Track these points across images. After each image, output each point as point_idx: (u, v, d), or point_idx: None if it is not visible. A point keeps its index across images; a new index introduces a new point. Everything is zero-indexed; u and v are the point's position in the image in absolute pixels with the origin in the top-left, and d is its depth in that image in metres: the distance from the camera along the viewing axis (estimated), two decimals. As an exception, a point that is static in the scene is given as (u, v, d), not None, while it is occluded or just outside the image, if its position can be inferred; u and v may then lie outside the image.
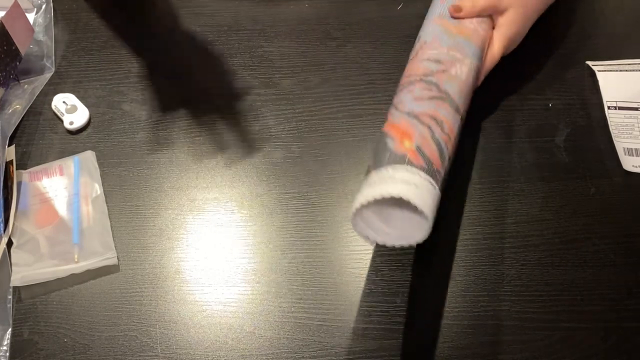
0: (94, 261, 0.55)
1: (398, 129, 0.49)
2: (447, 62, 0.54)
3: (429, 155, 0.48)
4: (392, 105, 0.53)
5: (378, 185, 0.45)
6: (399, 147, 0.48)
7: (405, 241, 0.47)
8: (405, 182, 0.45)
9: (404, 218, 0.47)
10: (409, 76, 0.54)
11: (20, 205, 0.58)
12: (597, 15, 0.70)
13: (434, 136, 0.49)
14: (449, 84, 0.53)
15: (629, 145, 0.60)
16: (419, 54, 0.56)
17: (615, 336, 0.52)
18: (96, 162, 0.61)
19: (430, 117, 0.50)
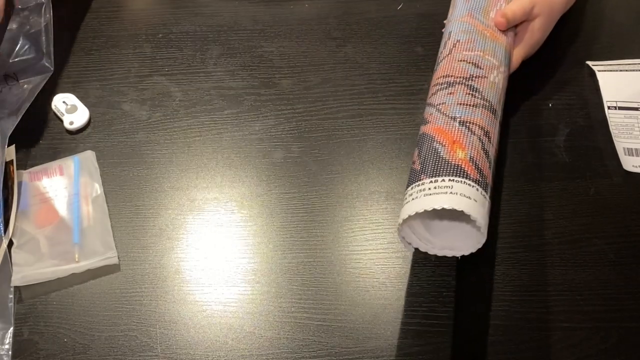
0: (95, 260, 0.55)
1: (447, 135, 0.49)
2: (486, 67, 0.54)
3: (482, 167, 0.47)
4: (432, 105, 0.52)
5: (436, 195, 0.45)
6: (452, 156, 0.47)
7: (451, 252, 0.48)
8: (465, 196, 0.45)
9: (450, 228, 0.48)
10: (447, 76, 0.53)
11: (20, 205, 0.58)
12: (597, 15, 0.70)
13: (484, 147, 0.49)
14: (489, 91, 0.52)
15: (629, 145, 0.60)
16: (453, 53, 0.55)
17: (615, 336, 0.52)
18: (96, 162, 0.61)
19: (478, 127, 0.49)
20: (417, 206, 0.45)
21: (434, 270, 0.55)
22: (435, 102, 0.52)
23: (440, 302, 0.54)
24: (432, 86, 0.55)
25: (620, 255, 0.55)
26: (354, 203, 0.59)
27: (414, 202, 0.45)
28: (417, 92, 0.65)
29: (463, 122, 0.49)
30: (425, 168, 0.47)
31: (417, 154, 0.49)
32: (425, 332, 0.52)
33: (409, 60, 0.67)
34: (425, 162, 0.48)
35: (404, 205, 0.47)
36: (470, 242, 0.47)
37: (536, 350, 0.51)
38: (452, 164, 0.47)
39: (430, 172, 0.47)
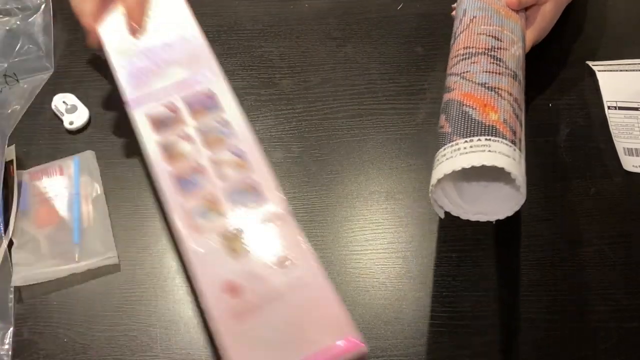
0: (95, 260, 0.55)
1: (477, 99, 0.47)
2: (506, 41, 0.52)
3: (515, 130, 0.46)
4: (455, 74, 0.51)
5: (473, 153, 0.43)
6: (485, 118, 0.46)
7: (485, 217, 0.46)
8: (504, 154, 0.43)
9: (482, 194, 0.47)
10: (468, 48, 0.52)
11: (20, 205, 0.58)
12: (597, 15, 0.70)
13: (514, 110, 0.47)
14: (512, 62, 0.51)
15: (629, 145, 0.60)
16: (470, 27, 0.54)
17: (615, 336, 0.52)
18: (96, 162, 0.61)
19: (507, 93, 0.48)
20: (454, 164, 0.43)
21: (434, 270, 0.55)
22: (459, 71, 0.51)
23: (440, 302, 0.54)
24: (452, 58, 0.54)
25: (620, 256, 0.55)
26: (354, 203, 0.59)
27: (449, 161, 0.44)
28: (417, 92, 0.65)
29: (492, 88, 0.48)
30: (457, 129, 0.46)
31: (444, 119, 0.48)
32: (426, 332, 0.52)
33: (409, 60, 0.67)
34: (456, 124, 0.46)
35: (437, 166, 0.45)
36: (506, 205, 0.46)
37: (536, 350, 0.51)
38: (486, 125, 0.45)
39: (463, 132, 0.45)
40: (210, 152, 0.47)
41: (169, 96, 0.50)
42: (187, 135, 0.47)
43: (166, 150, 0.47)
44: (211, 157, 0.47)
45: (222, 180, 0.47)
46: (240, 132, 0.48)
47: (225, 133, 0.47)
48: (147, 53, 0.52)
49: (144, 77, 0.51)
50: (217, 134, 0.47)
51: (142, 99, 0.50)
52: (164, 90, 0.50)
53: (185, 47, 0.53)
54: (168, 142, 0.47)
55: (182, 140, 0.47)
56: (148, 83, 0.50)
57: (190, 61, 0.52)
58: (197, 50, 0.53)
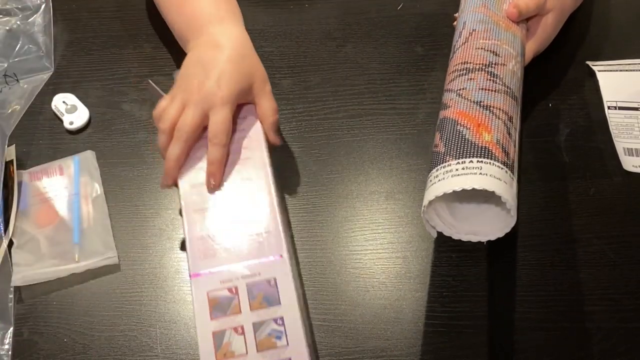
0: (95, 260, 0.55)
1: (471, 118, 0.48)
2: (504, 55, 0.53)
3: (508, 151, 0.46)
4: (451, 91, 0.51)
5: (465, 176, 0.44)
6: (479, 139, 0.46)
7: (476, 237, 0.47)
8: (495, 177, 0.44)
9: (474, 214, 0.47)
10: (465, 63, 0.53)
11: (20, 205, 0.58)
12: (597, 15, 0.70)
13: (508, 131, 0.48)
14: (509, 79, 0.51)
15: (629, 145, 0.60)
16: (469, 41, 0.54)
17: (615, 336, 0.52)
18: (96, 162, 0.61)
19: (502, 112, 0.48)
20: (445, 187, 0.44)
21: (434, 270, 0.55)
22: (455, 88, 0.51)
23: (440, 302, 0.54)
24: (450, 73, 0.54)
25: (620, 255, 0.55)
26: (354, 203, 0.59)
27: (441, 182, 0.44)
28: (417, 92, 0.65)
29: (486, 107, 0.48)
30: (450, 150, 0.46)
31: (439, 138, 0.48)
32: (426, 332, 0.52)
33: (409, 60, 0.67)
34: (449, 144, 0.47)
35: (429, 187, 0.45)
36: (497, 226, 0.46)
37: (536, 350, 0.51)
38: (479, 146, 0.46)
39: (456, 154, 0.46)
40: (260, 356, 0.47)
41: (233, 277, 0.49)
42: (241, 328, 0.47)
43: (217, 342, 0.47)
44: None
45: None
46: (293, 336, 0.47)
47: (278, 336, 0.47)
48: (220, 215, 0.51)
49: (212, 250, 0.50)
50: (270, 337, 0.47)
51: (207, 276, 0.49)
52: (228, 271, 0.49)
53: (256, 214, 0.51)
54: (221, 334, 0.47)
55: (235, 333, 0.47)
56: (216, 256, 0.50)
57: (259, 230, 0.50)
58: (266, 216, 0.51)
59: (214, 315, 0.48)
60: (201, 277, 0.49)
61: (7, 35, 0.68)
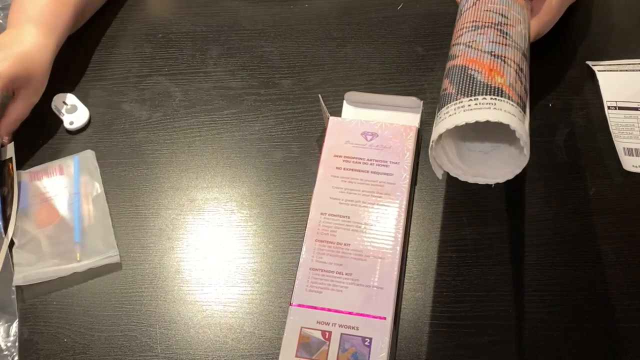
0: (97, 259, 0.55)
1: (483, 64, 0.46)
2: (513, 19, 0.52)
3: (520, 94, 0.45)
4: (460, 44, 0.50)
5: (478, 110, 0.42)
6: (491, 81, 0.45)
7: (484, 179, 0.46)
8: (509, 113, 0.42)
9: (482, 159, 0.46)
10: (474, 22, 0.52)
11: (21, 205, 0.58)
12: (597, 15, 0.70)
13: (520, 78, 0.47)
14: (519, 38, 0.50)
15: (629, 145, 0.60)
16: (477, 5, 0.53)
17: (616, 336, 0.52)
18: (96, 161, 0.61)
19: (513, 62, 0.47)
20: (456, 120, 0.42)
21: (434, 270, 0.55)
22: (464, 41, 0.50)
23: (440, 302, 0.54)
24: (457, 31, 0.53)
25: (620, 255, 0.55)
26: (354, 203, 0.59)
27: (452, 117, 0.43)
28: (417, 92, 0.65)
29: (498, 56, 0.47)
30: (461, 89, 0.45)
31: (448, 82, 0.47)
32: (426, 332, 0.52)
33: (409, 60, 0.67)
34: (460, 85, 0.45)
35: (439, 122, 0.44)
36: (506, 169, 0.45)
37: (536, 349, 0.51)
38: (491, 86, 0.44)
39: (468, 92, 0.44)
40: None
41: (331, 321, 0.49)
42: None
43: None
44: None
45: None
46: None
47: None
48: (340, 252, 0.51)
49: (321, 286, 0.50)
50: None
51: (307, 310, 0.50)
52: (329, 313, 0.49)
53: (377, 263, 0.51)
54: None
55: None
56: (322, 294, 0.50)
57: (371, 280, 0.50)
58: (386, 269, 0.51)
59: (299, 353, 0.48)
60: (301, 309, 0.49)
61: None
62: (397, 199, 0.54)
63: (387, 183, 0.54)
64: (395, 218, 0.53)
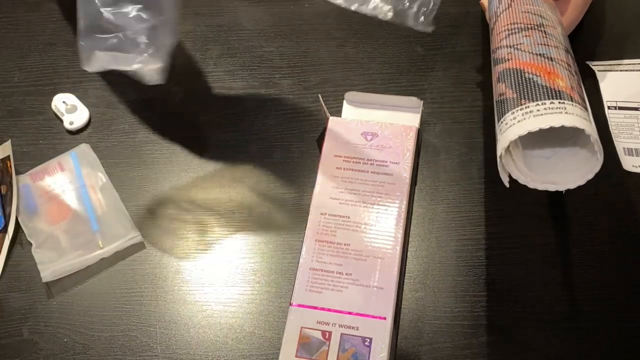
0: (119, 243, 0.56)
1: (539, 67, 0.45)
2: (551, 20, 0.51)
3: (582, 96, 0.44)
4: (507, 46, 0.49)
5: (550, 115, 0.41)
6: (554, 84, 0.43)
7: (554, 186, 0.44)
8: (580, 117, 0.41)
9: (549, 166, 0.45)
10: (514, 24, 0.50)
11: (29, 207, 0.58)
12: (597, 15, 0.70)
13: (577, 80, 0.46)
14: (562, 39, 0.50)
15: (629, 145, 0.60)
16: (513, 7, 0.52)
17: (615, 336, 0.52)
18: (93, 152, 0.61)
19: (566, 64, 0.46)
20: (528, 126, 0.41)
21: (435, 270, 0.55)
22: (511, 43, 0.49)
23: (440, 302, 0.54)
24: (499, 33, 0.52)
25: (620, 255, 0.55)
26: (354, 203, 0.59)
27: (521, 123, 0.42)
28: (417, 92, 0.65)
29: (550, 58, 0.46)
30: (524, 94, 0.43)
31: (504, 87, 0.46)
32: (426, 332, 0.52)
33: (409, 60, 0.67)
34: (521, 89, 0.44)
35: (506, 129, 0.42)
36: (576, 173, 0.44)
37: (536, 349, 0.51)
38: (556, 90, 0.43)
39: (533, 97, 0.43)
40: None
41: (331, 321, 0.49)
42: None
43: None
44: None
45: None
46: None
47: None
48: (341, 252, 0.51)
49: (321, 286, 0.50)
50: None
51: (306, 310, 0.49)
52: (329, 313, 0.49)
53: (377, 263, 0.51)
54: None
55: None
56: (322, 294, 0.50)
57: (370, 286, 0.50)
58: (386, 269, 0.51)
59: (299, 354, 0.48)
60: (301, 309, 0.49)
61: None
62: (397, 199, 0.54)
63: (387, 183, 0.54)
64: (395, 218, 0.53)
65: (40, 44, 0.70)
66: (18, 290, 0.56)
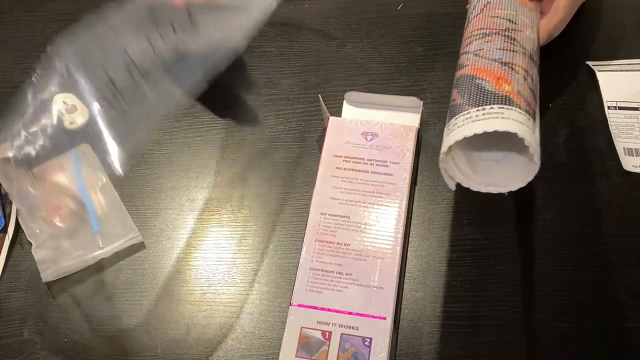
0: (119, 243, 0.56)
1: (490, 72, 0.46)
2: (520, 23, 0.52)
3: (529, 102, 0.45)
4: (468, 53, 0.50)
5: (485, 120, 0.42)
6: (499, 89, 0.45)
7: (496, 189, 0.45)
8: (518, 122, 0.42)
9: (492, 168, 0.46)
10: (482, 29, 0.52)
11: (28, 207, 0.58)
12: (597, 15, 0.70)
13: (528, 85, 0.47)
14: (526, 42, 0.50)
15: (629, 145, 0.60)
16: (484, 12, 0.53)
17: (615, 336, 0.52)
18: (94, 152, 0.61)
19: (521, 68, 0.47)
20: (465, 131, 0.42)
21: (434, 270, 0.55)
22: (472, 49, 0.50)
23: (440, 302, 0.54)
24: (465, 39, 0.53)
25: (620, 255, 0.55)
26: (354, 203, 0.59)
27: (460, 128, 0.43)
28: (417, 92, 0.65)
29: (505, 63, 0.47)
30: (469, 100, 0.45)
31: (456, 93, 0.47)
32: (426, 332, 0.52)
33: (409, 60, 0.67)
34: (468, 96, 0.45)
35: (448, 134, 0.44)
36: (518, 177, 0.45)
37: (536, 349, 0.51)
38: (499, 95, 0.44)
39: (476, 102, 0.44)
40: None
41: (331, 321, 0.49)
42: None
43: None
44: None
45: None
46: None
47: None
48: (341, 252, 0.51)
49: (321, 286, 0.50)
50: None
51: (307, 310, 0.49)
52: (329, 313, 0.49)
53: (377, 264, 0.51)
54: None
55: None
56: (322, 294, 0.50)
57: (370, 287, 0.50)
58: (386, 269, 0.51)
59: (299, 354, 0.48)
60: (301, 309, 0.49)
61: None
62: (397, 199, 0.54)
63: (387, 183, 0.54)
64: (395, 218, 0.53)
65: (40, 44, 0.70)
66: (18, 290, 0.56)
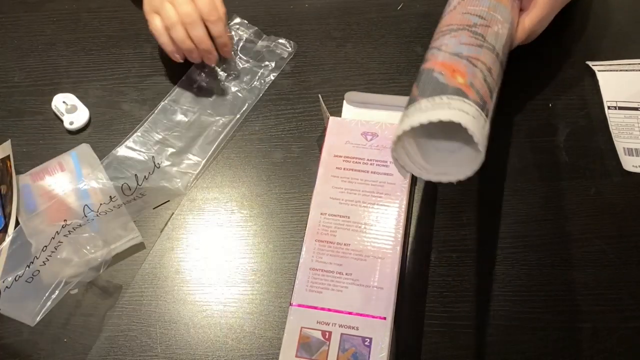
0: (120, 244, 0.56)
1: (447, 65, 0.47)
2: (489, 19, 0.52)
3: (482, 94, 0.46)
4: (433, 48, 0.51)
5: (432, 110, 0.43)
6: (452, 81, 0.45)
7: (446, 177, 0.46)
8: (464, 112, 0.43)
9: (446, 158, 0.46)
10: (450, 25, 0.52)
11: (29, 207, 0.58)
12: (597, 15, 0.70)
13: (485, 78, 0.47)
14: (492, 38, 0.51)
15: (629, 145, 0.60)
16: (457, 8, 0.54)
17: (616, 336, 0.52)
18: (94, 152, 0.61)
19: (481, 63, 0.48)
20: (411, 121, 0.43)
21: (434, 270, 0.55)
22: (437, 45, 0.51)
23: (440, 302, 0.54)
24: (435, 34, 0.53)
25: (620, 255, 0.55)
26: (354, 203, 0.59)
27: (410, 119, 0.44)
28: (417, 92, 0.65)
29: (465, 57, 0.48)
30: (424, 92, 0.45)
31: (415, 86, 0.48)
32: (426, 332, 0.52)
33: (409, 60, 0.67)
34: (424, 87, 0.46)
35: (399, 125, 0.45)
36: (467, 167, 0.45)
37: (536, 349, 0.51)
38: (450, 87, 0.45)
39: (428, 93, 0.45)
40: None
41: (331, 321, 0.49)
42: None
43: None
44: None
45: None
46: None
47: None
48: (341, 252, 0.51)
49: (321, 286, 0.50)
50: None
51: (307, 310, 0.49)
52: (329, 314, 0.49)
53: (377, 263, 0.51)
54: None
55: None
56: (322, 294, 0.50)
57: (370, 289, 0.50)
58: (386, 270, 0.51)
59: (299, 354, 0.48)
60: (301, 309, 0.49)
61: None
62: (397, 199, 0.54)
63: (387, 183, 0.54)
64: (395, 218, 0.53)
65: (40, 44, 0.70)
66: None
